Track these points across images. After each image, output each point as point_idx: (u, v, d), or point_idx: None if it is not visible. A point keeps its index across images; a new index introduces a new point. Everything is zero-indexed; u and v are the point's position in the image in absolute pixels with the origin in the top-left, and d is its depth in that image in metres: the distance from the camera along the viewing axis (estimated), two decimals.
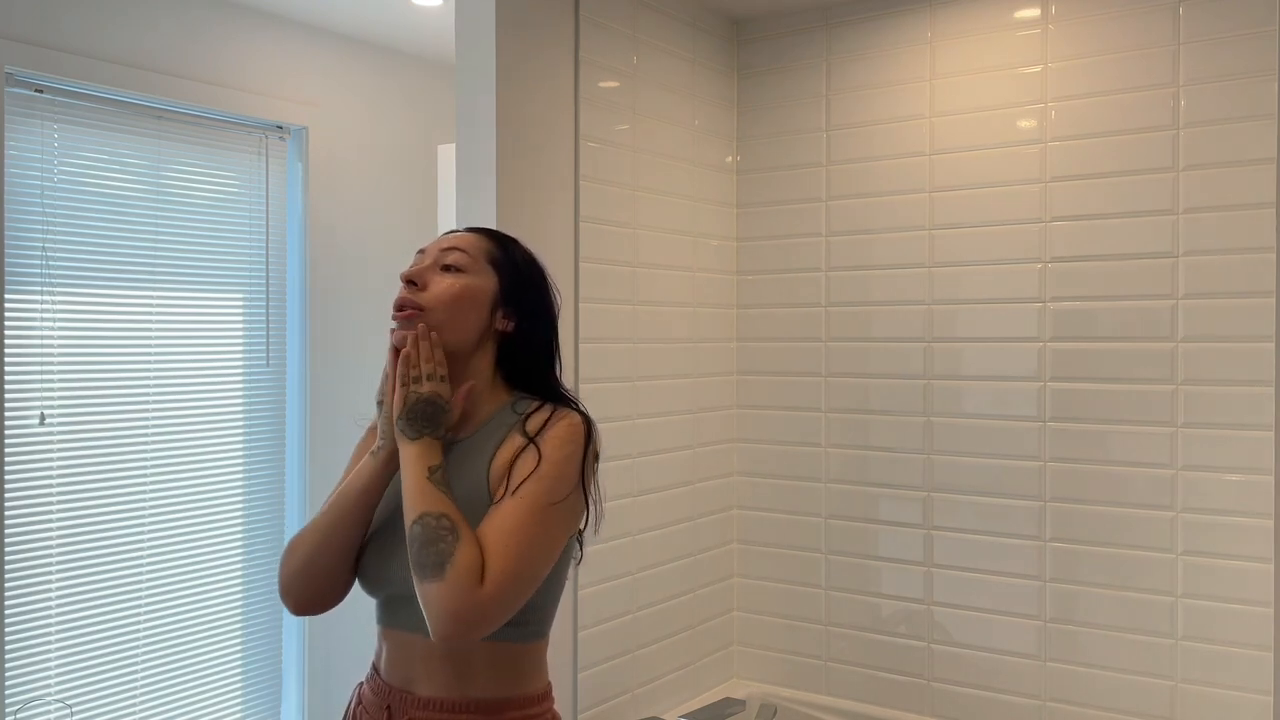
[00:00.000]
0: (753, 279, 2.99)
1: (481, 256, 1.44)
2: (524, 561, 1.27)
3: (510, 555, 1.26)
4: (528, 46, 2.31)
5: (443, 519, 1.26)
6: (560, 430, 1.36)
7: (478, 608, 1.22)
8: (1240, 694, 2.31)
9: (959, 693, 2.66)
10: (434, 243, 1.47)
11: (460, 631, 1.23)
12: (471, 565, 1.23)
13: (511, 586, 1.25)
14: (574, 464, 1.35)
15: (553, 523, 1.32)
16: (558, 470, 1.33)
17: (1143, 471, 2.43)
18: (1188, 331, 2.39)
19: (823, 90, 2.88)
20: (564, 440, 1.35)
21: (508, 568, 1.25)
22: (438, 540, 1.24)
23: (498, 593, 1.24)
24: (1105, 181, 2.48)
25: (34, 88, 2.53)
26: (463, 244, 1.44)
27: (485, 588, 1.23)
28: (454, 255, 1.43)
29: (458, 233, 1.50)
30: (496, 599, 1.24)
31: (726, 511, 2.97)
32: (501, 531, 1.27)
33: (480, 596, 1.23)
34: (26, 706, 2.51)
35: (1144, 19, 2.44)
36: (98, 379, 2.67)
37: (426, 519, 1.26)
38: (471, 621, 1.23)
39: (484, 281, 1.43)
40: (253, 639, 3.02)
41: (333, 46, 3.24)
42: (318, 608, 1.44)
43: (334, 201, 3.23)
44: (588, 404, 2.46)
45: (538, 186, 2.34)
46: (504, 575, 1.24)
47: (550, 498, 1.31)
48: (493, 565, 1.24)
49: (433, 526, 1.25)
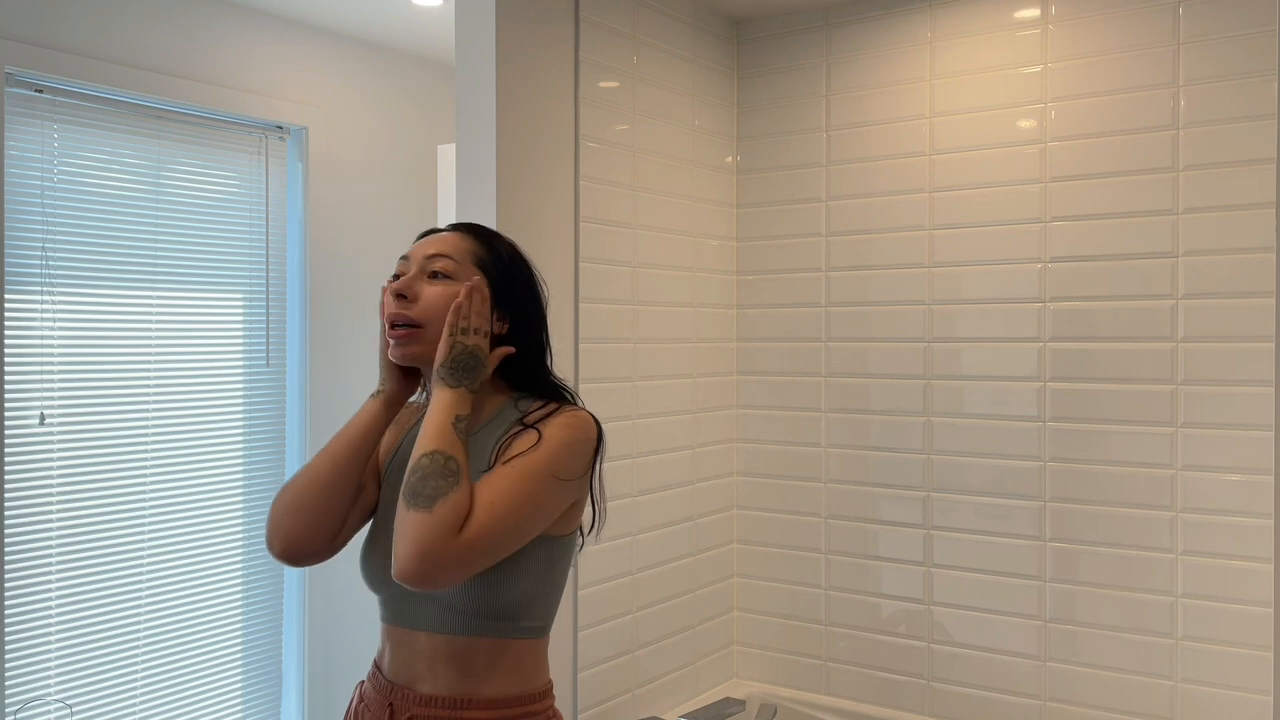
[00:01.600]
0: (753, 279, 2.99)
1: (467, 260, 1.42)
2: (504, 522, 1.27)
3: (492, 513, 1.26)
4: (528, 46, 2.31)
5: (452, 460, 1.27)
6: (564, 419, 1.37)
7: (448, 552, 1.22)
8: (1240, 694, 2.31)
9: (959, 693, 2.66)
10: (416, 248, 1.45)
11: (422, 571, 1.22)
12: (458, 510, 1.24)
13: (487, 543, 1.25)
14: (575, 452, 1.35)
15: (541, 494, 1.31)
16: (556, 449, 1.33)
17: (1143, 471, 2.43)
18: (1188, 331, 2.39)
19: (823, 90, 2.88)
20: (569, 426, 1.36)
21: (488, 525, 1.25)
22: (440, 476, 1.25)
23: (472, 544, 1.24)
24: (1105, 181, 2.48)
25: (34, 88, 2.53)
26: (447, 249, 1.42)
27: (463, 536, 1.23)
28: (440, 262, 1.41)
29: (439, 234, 1.47)
30: (468, 551, 1.24)
31: (726, 511, 2.97)
32: (491, 490, 1.28)
33: (455, 543, 1.23)
34: (26, 706, 2.51)
35: (1144, 19, 2.44)
36: (98, 379, 2.67)
37: (437, 455, 1.27)
38: (438, 563, 1.22)
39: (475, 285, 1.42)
40: (253, 639, 3.02)
41: (333, 46, 3.24)
42: (304, 554, 1.40)
43: (334, 201, 3.23)
44: (588, 404, 2.46)
45: (538, 186, 2.34)
46: (483, 530, 1.25)
47: (543, 467, 1.31)
48: (476, 518, 1.25)
49: (440, 463, 1.26)
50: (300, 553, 1.41)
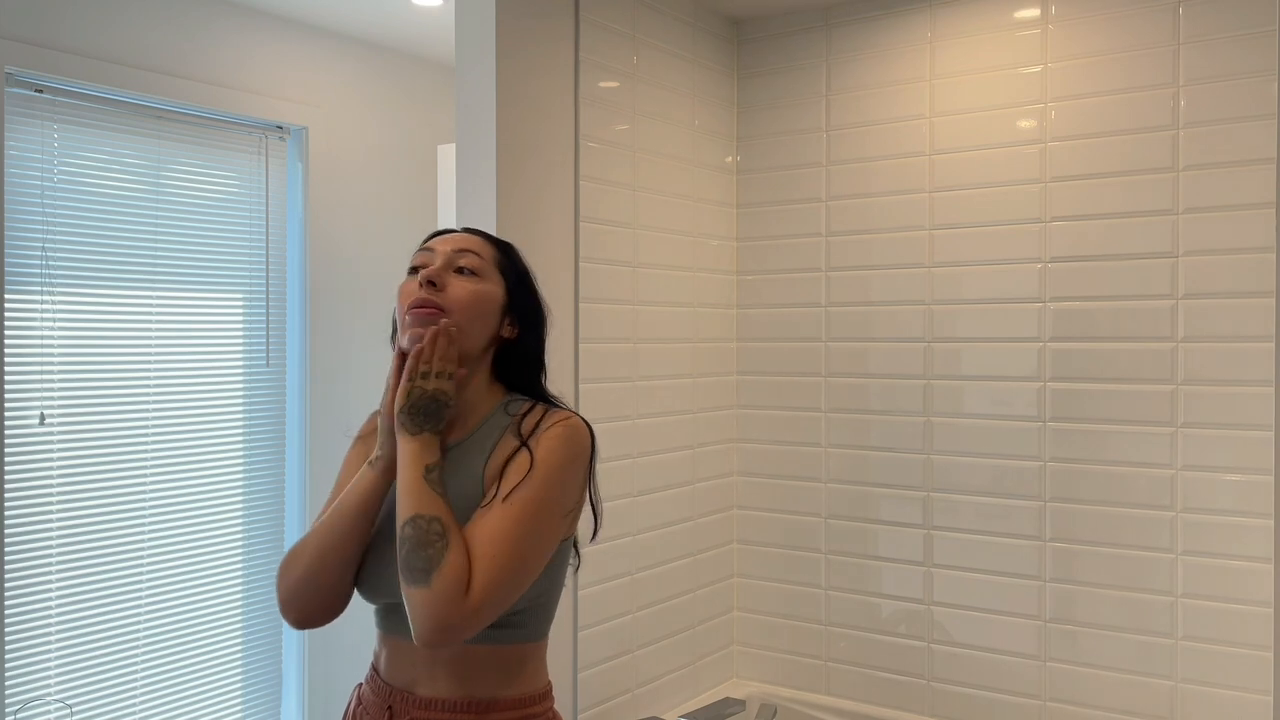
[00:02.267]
0: (753, 279, 2.99)
1: (492, 262, 1.45)
2: (510, 570, 1.26)
3: (497, 564, 1.25)
4: (527, 46, 2.31)
5: (434, 522, 1.25)
6: (556, 433, 1.35)
7: (461, 617, 1.22)
8: (1240, 694, 2.31)
9: (959, 693, 2.66)
10: (441, 240, 1.45)
11: (443, 639, 1.23)
12: (458, 574, 1.23)
13: (497, 595, 1.25)
14: (569, 470, 1.34)
15: (543, 528, 1.31)
16: (551, 475, 1.32)
17: (1143, 471, 2.43)
18: (1188, 331, 2.39)
19: (823, 90, 2.88)
20: (560, 443, 1.34)
21: (494, 577, 1.24)
22: (427, 545, 1.23)
23: (483, 602, 1.24)
24: (1105, 181, 2.48)
25: (34, 88, 2.53)
26: (475, 247, 1.44)
27: (470, 598, 1.23)
28: (468, 258, 1.42)
29: (459, 233, 1.48)
30: (481, 608, 1.24)
31: (726, 511, 2.97)
32: (490, 539, 1.26)
33: (465, 607, 1.22)
34: (26, 706, 2.51)
35: (1144, 19, 2.44)
36: (98, 379, 2.67)
37: (419, 520, 1.25)
38: (454, 629, 1.23)
39: (495, 288, 1.43)
40: (253, 640, 3.02)
41: (333, 46, 3.24)
42: (320, 621, 1.43)
43: (334, 201, 3.23)
44: (588, 404, 2.46)
45: (538, 186, 2.34)
46: (490, 584, 1.24)
47: (541, 503, 1.30)
48: (479, 574, 1.24)
49: (424, 529, 1.24)
50: (316, 623, 1.44)
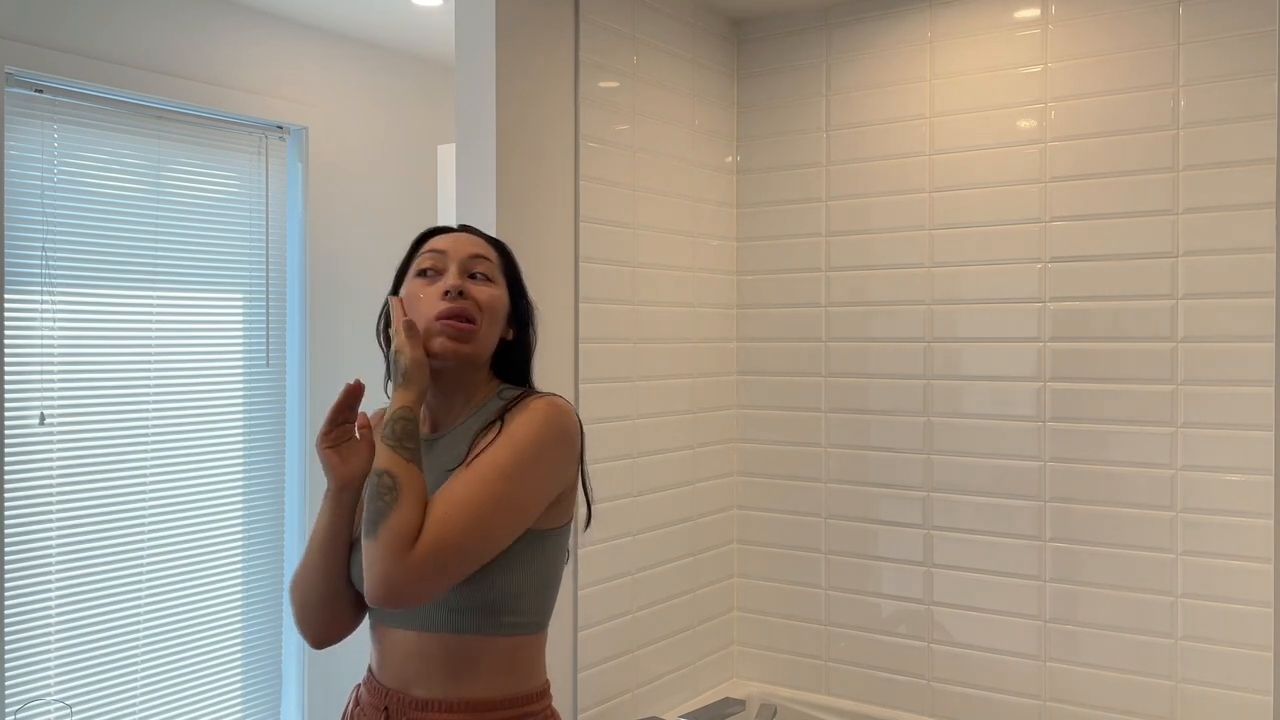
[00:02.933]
0: (753, 279, 2.99)
1: (498, 267, 1.47)
2: (462, 532, 1.24)
3: (448, 524, 1.24)
4: (528, 46, 2.31)
5: (384, 476, 1.25)
6: (534, 408, 1.35)
7: (405, 573, 1.21)
8: (1240, 694, 2.31)
9: (959, 693, 2.66)
10: (452, 243, 1.44)
11: (386, 595, 1.22)
12: (405, 529, 1.22)
13: (443, 556, 1.23)
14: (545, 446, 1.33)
15: (508, 496, 1.29)
16: (522, 447, 1.31)
17: (1143, 471, 2.43)
18: (1188, 331, 2.39)
19: (823, 90, 2.88)
20: (537, 417, 1.34)
21: (442, 536, 1.23)
22: (377, 498, 1.24)
23: (427, 560, 1.22)
24: (1105, 181, 2.48)
25: (34, 88, 2.53)
26: (485, 252, 1.46)
27: (414, 553, 1.21)
28: (483, 264, 1.44)
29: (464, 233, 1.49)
30: (425, 567, 1.22)
31: (726, 511, 2.97)
32: (447, 500, 1.26)
33: (408, 561, 1.21)
34: (26, 706, 2.51)
35: (1144, 19, 2.44)
36: (98, 379, 2.67)
37: (373, 476, 1.27)
38: (398, 586, 1.22)
39: (504, 293, 1.46)
40: (253, 639, 3.02)
41: (333, 46, 3.24)
42: (336, 638, 1.46)
43: (334, 201, 3.23)
44: (588, 404, 2.46)
45: (538, 186, 2.34)
46: (436, 544, 1.22)
47: (507, 471, 1.29)
48: (427, 532, 1.23)
49: (374, 484, 1.25)
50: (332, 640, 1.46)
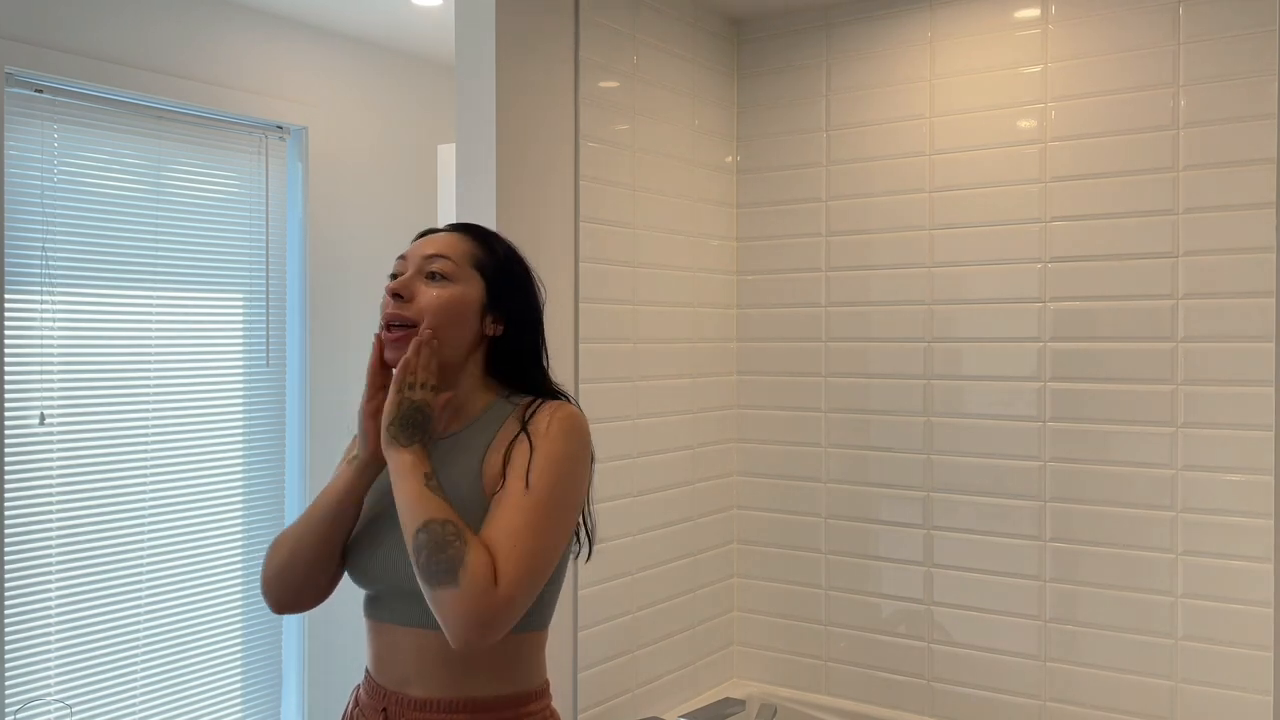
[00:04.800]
0: (753, 279, 2.99)
1: (466, 261, 1.42)
2: (534, 559, 1.27)
3: (520, 555, 1.25)
4: (528, 46, 2.31)
5: (448, 525, 1.25)
6: (560, 425, 1.36)
7: (495, 610, 1.22)
8: (1240, 694, 2.31)
9: (959, 693, 2.66)
10: (414, 247, 1.44)
11: (481, 635, 1.23)
12: (484, 569, 1.23)
13: (526, 585, 1.25)
14: (576, 460, 1.35)
15: (557, 518, 1.31)
16: (560, 464, 1.32)
17: (1143, 471, 2.43)
18: (1188, 331, 2.39)
19: (823, 90, 2.88)
20: (565, 435, 1.35)
21: (520, 567, 1.25)
22: (446, 546, 1.23)
23: (513, 593, 1.24)
24: (1105, 181, 2.48)
25: (34, 88, 2.53)
26: (446, 250, 1.41)
27: (500, 590, 1.23)
28: (438, 263, 1.40)
29: (438, 234, 1.46)
30: (512, 599, 1.24)
31: (726, 511, 2.97)
32: (509, 532, 1.27)
33: (496, 599, 1.22)
34: (26, 706, 2.51)
35: (1144, 19, 2.44)
36: (98, 379, 2.67)
37: (432, 525, 1.25)
38: (491, 623, 1.22)
39: (470, 289, 1.41)
40: (253, 639, 3.02)
41: (333, 46, 3.24)
42: (295, 608, 1.45)
43: (334, 201, 3.23)
44: (588, 404, 2.46)
45: (538, 186, 2.34)
46: (517, 575, 1.24)
47: (558, 491, 1.31)
48: (505, 567, 1.24)
49: (439, 533, 1.24)
50: (292, 609, 1.46)
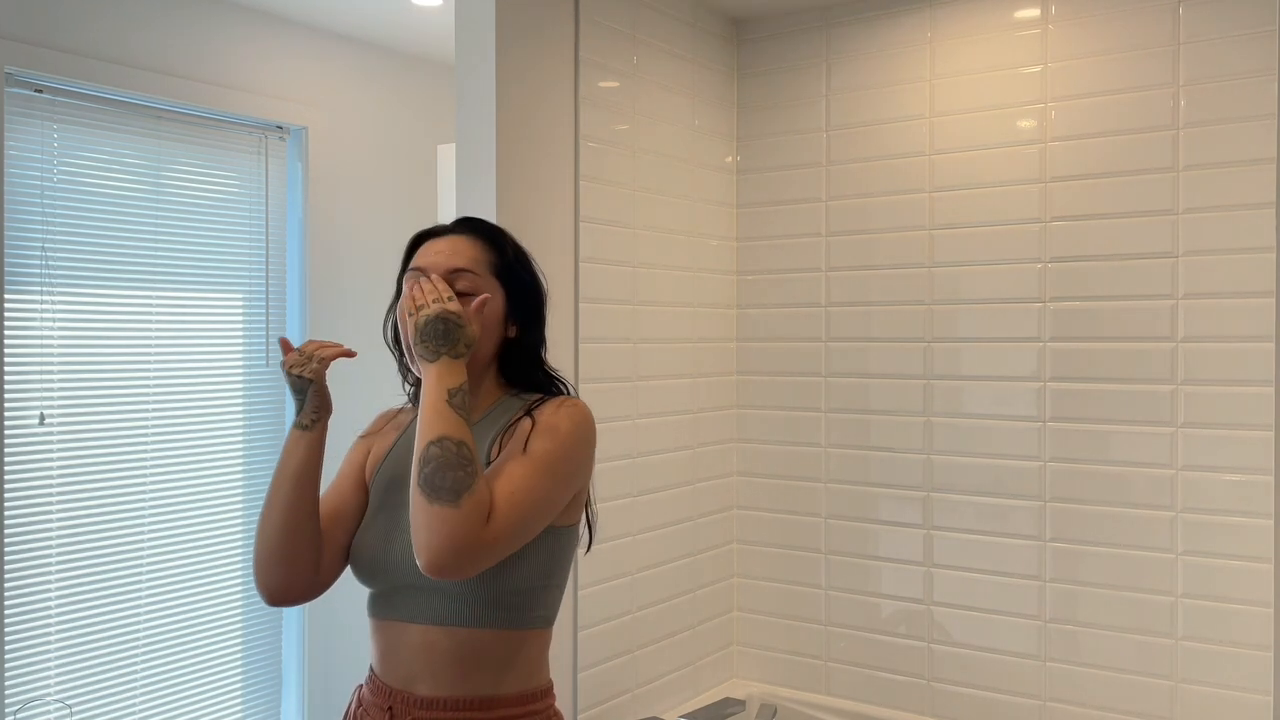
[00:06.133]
0: (753, 279, 2.99)
1: (487, 271, 1.43)
2: (527, 512, 1.27)
3: (516, 503, 1.26)
4: (528, 46, 2.31)
5: (463, 446, 1.24)
6: (567, 411, 1.37)
7: (480, 544, 1.22)
8: (1240, 694, 2.31)
9: (959, 693, 2.66)
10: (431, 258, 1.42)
11: (456, 563, 1.21)
12: (484, 502, 1.23)
13: (512, 534, 1.26)
14: (577, 440, 1.36)
15: (555, 487, 1.32)
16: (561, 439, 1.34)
17: (1143, 471, 2.43)
18: (1188, 331, 2.39)
19: (823, 90, 2.88)
20: (570, 418, 1.36)
21: (513, 514, 1.25)
22: (458, 467, 1.22)
23: (500, 535, 1.24)
24: (1105, 181, 2.48)
25: (34, 88, 2.53)
26: (467, 262, 1.41)
27: (491, 527, 1.23)
28: (465, 279, 1.40)
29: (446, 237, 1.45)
30: (497, 541, 1.24)
31: (726, 511, 2.97)
32: (510, 479, 1.27)
33: (485, 535, 1.22)
34: (26, 706, 2.51)
35: (1144, 19, 2.44)
36: (98, 379, 2.67)
37: (447, 442, 1.24)
38: (471, 556, 1.22)
39: (495, 301, 1.42)
40: (253, 639, 3.02)
41: (333, 46, 3.24)
42: (287, 595, 1.41)
43: (334, 201, 3.23)
44: (588, 404, 2.46)
45: (538, 186, 2.34)
46: (509, 520, 1.25)
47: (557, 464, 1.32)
48: (500, 508, 1.24)
49: (454, 452, 1.23)
50: (285, 599, 1.42)
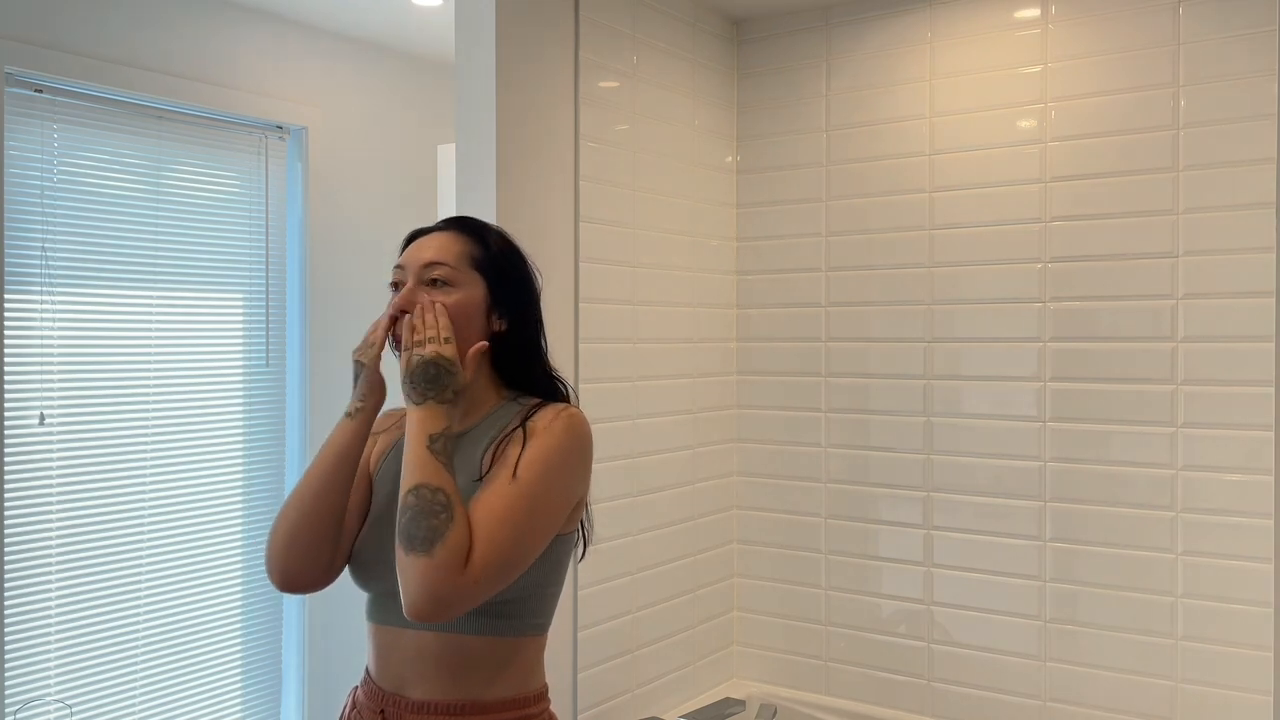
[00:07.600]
0: (753, 279, 2.99)
1: (464, 263, 1.40)
2: (510, 550, 1.25)
3: (497, 542, 1.24)
4: (528, 46, 2.31)
5: (439, 493, 1.23)
6: (561, 423, 1.35)
7: (458, 591, 1.21)
8: (1240, 694, 2.31)
9: (959, 693, 2.66)
10: (410, 254, 1.42)
11: (436, 611, 1.21)
12: (460, 548, 1.21)
13: (495, 574, 1.24)
14: (574, 460, 1.35)
15: (546, 511, 1.30)
16: (551, 461, 1.31)
17: (1143, 471, 2.43)
18: (1188, 331, 2.39)
19: (823, 90, 2.88)
20: (563, 433, 1.34)
21: (493, 555, 1.23)
22: (431, 515, 1.22)
23: (480, 579, 1.22)
24: (1105, 181, 2.48)
25: (34, 88, 2.53)
26: (443, 255, 1.40)
27: (469, 572, 1.21)
28: (438, 270, 1.38)
29: (430, 235, 1.45)
30: (478, 585, 1.22)
31: (726, 511, 2.97)
32: (491, 516, 1.25)
33: (463, 581, 1.21)
34: (26, 706, 2.51)
35: (1144, 19, 2.44)
36: (98, 379, 2.67)
37: (422, 490, 1.24)
38: (449, 603, 1.21)
39: (473, 291, 1.40)
40: (253, 639, 3.02)
41: (333, 46, 3.24)
42: (300, 582, 1.41)
43: (334, 201, 3.23)
44: (588, 404, 2.46)
45: (538, 186, 2.34)
46: (489, 562, 1.23)
47: (545, 487, 1.30)
48: (479, 550, 1.22)
49: (428, 499, 1.23)
50: (297, 585, 1.41)
